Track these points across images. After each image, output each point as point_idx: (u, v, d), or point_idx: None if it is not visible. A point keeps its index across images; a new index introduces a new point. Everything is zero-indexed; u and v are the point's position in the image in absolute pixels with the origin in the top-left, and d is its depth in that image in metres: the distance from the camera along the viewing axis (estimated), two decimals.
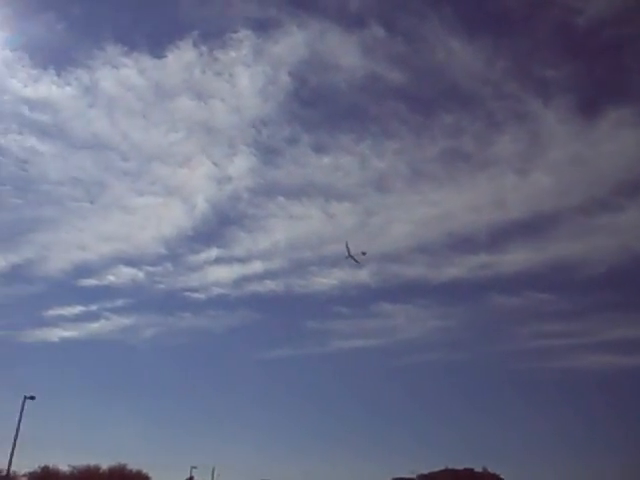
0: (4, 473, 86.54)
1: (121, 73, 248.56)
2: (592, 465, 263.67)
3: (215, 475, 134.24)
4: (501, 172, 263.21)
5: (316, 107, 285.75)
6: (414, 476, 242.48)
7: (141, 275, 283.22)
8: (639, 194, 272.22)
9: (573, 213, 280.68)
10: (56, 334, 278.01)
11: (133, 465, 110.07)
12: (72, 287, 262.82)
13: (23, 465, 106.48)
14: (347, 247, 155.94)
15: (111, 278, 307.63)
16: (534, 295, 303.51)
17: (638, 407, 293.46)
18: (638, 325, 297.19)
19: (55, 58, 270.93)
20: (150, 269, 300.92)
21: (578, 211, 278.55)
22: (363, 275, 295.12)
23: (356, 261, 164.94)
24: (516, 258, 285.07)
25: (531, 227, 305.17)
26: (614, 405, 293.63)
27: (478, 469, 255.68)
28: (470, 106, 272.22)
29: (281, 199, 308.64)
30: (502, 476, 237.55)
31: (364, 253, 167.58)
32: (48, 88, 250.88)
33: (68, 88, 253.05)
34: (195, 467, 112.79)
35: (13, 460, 69.87)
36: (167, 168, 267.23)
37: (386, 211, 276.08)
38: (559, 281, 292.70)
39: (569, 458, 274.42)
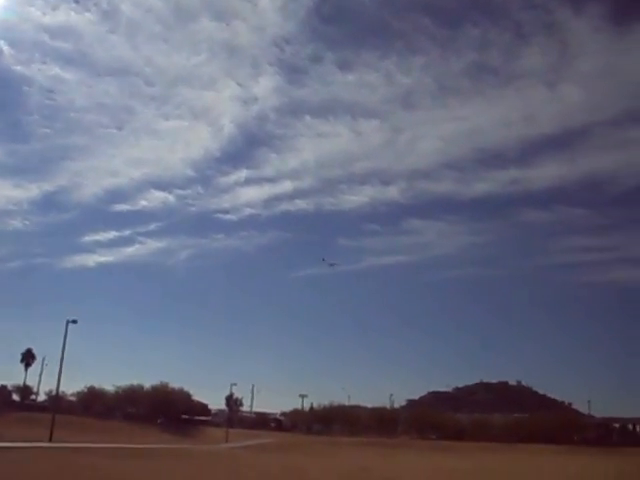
0: (53, 393, 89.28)
1: None
2: (620, 376, 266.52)
3: (255, 391, 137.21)
4: (530, 85, 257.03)
5: (339, 24, 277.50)
6: (450, 389, 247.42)
7: (172, 198, 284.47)
8: None
9: (604, 126, 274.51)
10: (93, 259, 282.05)
11: (175, 384, 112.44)
12: (105, 213, 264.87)
13: (70, 386, 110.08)
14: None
15: (143, 202, 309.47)
16: (565, 210, 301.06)
17: None
18: None
19: None
20: (181, 192, 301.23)
21: (609, 124, 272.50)
22: (393, 192, 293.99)
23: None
24: (546, 173, 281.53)
25: (561, 141, 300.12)
26: None
27: (512, 382, 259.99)
28: (497, 18, 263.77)
29: (308, 118, 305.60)
30: (535, 389, 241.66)
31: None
32: (67, 15, 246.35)
33: (87, 14, 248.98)
34: (235, 384, 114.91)
35: (61, 382, 71.71)
36: (192, 91, 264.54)
37: (413, 127, 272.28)
38: (590, 196, 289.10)
39: (597, 371, 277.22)
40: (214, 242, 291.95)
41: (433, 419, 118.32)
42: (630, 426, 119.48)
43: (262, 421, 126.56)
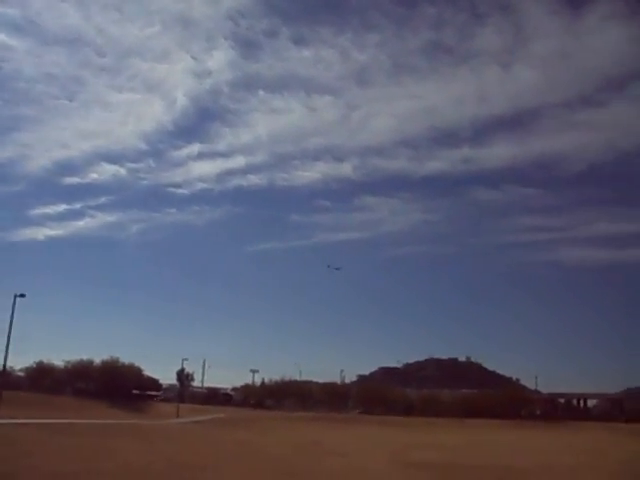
0: (0, 369, 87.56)
1: None
2: (570, 354, 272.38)
3: (206, 367, 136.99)
4: (484, 65, 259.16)
5: None
6: (400, 365, 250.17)
7: (123, 172, 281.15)
8: (624, 90, 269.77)
9: (556, 108, 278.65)
10: (42, 233, 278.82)
11: (125, 358, 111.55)
12: (55, 186, 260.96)
13: (19, 361, 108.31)
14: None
15: (94, 175, 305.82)
16: (517, 189, 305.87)
17: (619, 299, 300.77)
18: (619, 220, 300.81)
19: None
20: (132, 165, 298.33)
21: (561, 106, 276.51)
22: (346, 169, 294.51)
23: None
24: (499, 152, 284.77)
25: (514, 122, 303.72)
26: (595, 297, 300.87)
27: (462, 359, 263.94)
28: None
29: (262, 93, 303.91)
30: (484, 365, 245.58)
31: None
32: None
33: None
34: (186, 359, 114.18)
35: (9, 357, 70.44)
36: (145, 63, 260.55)
37: (368, 104, 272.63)
38: (541, 176, 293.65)
39: (549, 349, 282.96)
40: (166, 216, 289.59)
41: (382, 394, 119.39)
42: (575, 401, 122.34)
43: (213, 396, 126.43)
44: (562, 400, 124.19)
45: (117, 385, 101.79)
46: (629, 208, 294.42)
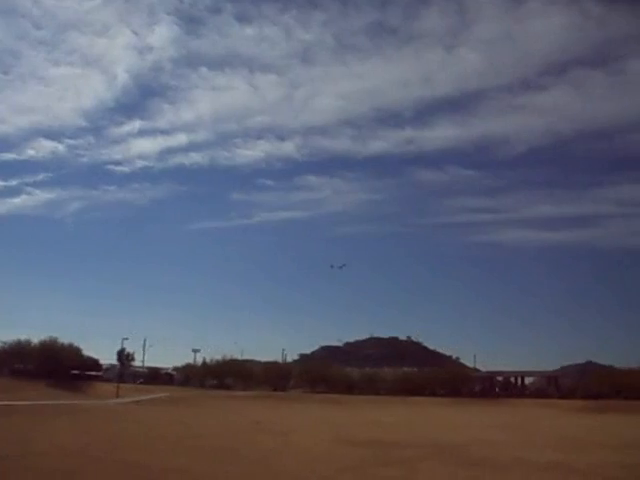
0: None
1: None
2: (508, 334, 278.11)
3: (147, 346, 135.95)
4: (428, 47, 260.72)
5: None
6: (341, 344, 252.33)
7: (62, 148, 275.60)
8: (565, 75, 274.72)
9: (499, 91, 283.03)
10: None
11: (64, 338, 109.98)
12: None
13: None
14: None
15: (31, 152, 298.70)
16: (458, 171, 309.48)
17: (558, 279, 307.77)
18: (558, 203, 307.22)
19: None
20: (71, 142, 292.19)
21: (504, 89, 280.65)
22: (289, 148, 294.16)
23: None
24: (442, 134, 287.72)
25: (457, 104, 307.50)
26: (534, 278, 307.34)
27: (402, 338, 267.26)
28: None
29: (204, 70, 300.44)
30: (424, 344, 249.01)
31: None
32: None
33: None
34: (126, 338, 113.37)
35: None
36: (84, 37, 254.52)
37: (312, 83, 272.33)
38: (483, 158, 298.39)
39: (488, 328, 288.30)
40: (106, 194, 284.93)
41: (324, 373, 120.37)
42: (512, 379, 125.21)
43: (154, 376, 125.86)
44: (500, 378, 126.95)
45: (56, 365, 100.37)
46: (568, 191, 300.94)
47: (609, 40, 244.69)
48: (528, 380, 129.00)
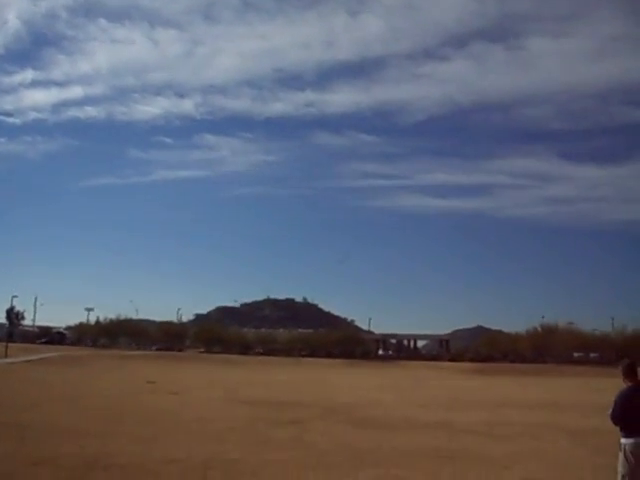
0: None
1: None
2: (402, 299, 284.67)
3: (38, 304, 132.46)
4: (332, 11, 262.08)
5: None
6: (237, 305, 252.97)
7: None
8: (466, 46, 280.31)
9: (400, 59, 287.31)
10: None
11: None
12: None
13: None
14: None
15: None
16: (358, 136, 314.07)
17: (451, 247, 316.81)
18: (453, 171, 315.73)
19: None
20: None
21: (405, 57, 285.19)
22: (187, 105, 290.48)
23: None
24: (342, 98, 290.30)
25: (358, 69, 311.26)
26: (429, 244, 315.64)
27: (299, 300, 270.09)
28: None
29: (103, 21, 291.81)
30: (320, 306, 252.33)
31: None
32: None
33: None
34: (16, 296, 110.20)
35: None
36: None
37: (213, 41, 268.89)
38: (382, 124, 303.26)
39: (383, 292, 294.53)
40: None
41: (220, 333, 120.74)
42: (405, 341, 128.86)
43: (45, 335, 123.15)
44: (394, 341, 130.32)
45: None
46: (464, 160, 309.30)
47: (510, 16, 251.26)
48: (421, 343, 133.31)
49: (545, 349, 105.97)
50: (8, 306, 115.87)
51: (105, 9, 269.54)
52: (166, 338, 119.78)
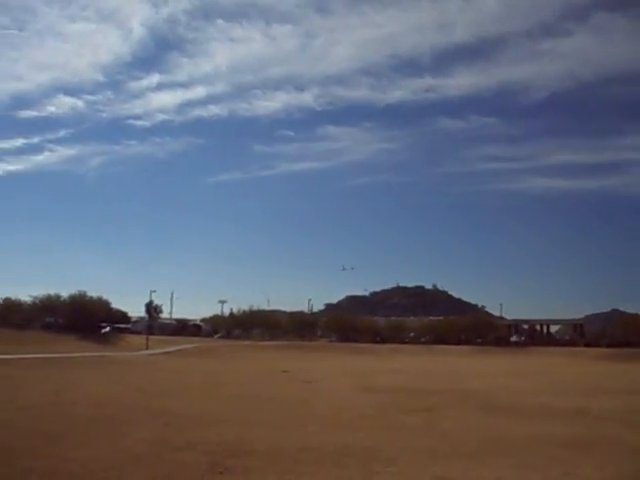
0: None
1: None
2: (534, 282, 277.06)
3: (174, 298, 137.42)
4: None
5: None
6: (367, 293, 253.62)
7: (81, 104, 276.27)
8: (586, 19, 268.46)
9: (518, 37, 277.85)
10: (1, 168, 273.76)
11: (93, 292, 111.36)
12: (11, 119, 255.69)
13: None
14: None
15: (51, 108, 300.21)
16: (478, 119, 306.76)
17: (579, 228, 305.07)
18: (579, 150, 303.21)
19: None
20: (90, 98, 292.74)
21: (523, 36, 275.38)
22: (307, 98, 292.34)
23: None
24: (461, 82, 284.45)
25: (475, 51, 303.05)
26: (557, 227, 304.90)
27: (428, 287, 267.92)
28: None
29: (220, 22, 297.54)
30: (450, 293, 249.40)
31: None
32: None
33: None
34: (154, 291, 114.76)
35: None
36: None
37: (328, 33, 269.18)
38: (503, 105, 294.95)
39: (514, 277, 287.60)
40: (127, 149, 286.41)
41: (350, 322, 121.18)
42: (538, 327, 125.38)
43: (182, 327, 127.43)
44: (526, 326, 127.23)
45: (86, 319, 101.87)
46: (589, 138, 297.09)
47: None
48: (554, 328, 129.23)
49: None
50: (147, 300, 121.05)
51: (222, 10, 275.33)
52: (298, 328, 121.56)
